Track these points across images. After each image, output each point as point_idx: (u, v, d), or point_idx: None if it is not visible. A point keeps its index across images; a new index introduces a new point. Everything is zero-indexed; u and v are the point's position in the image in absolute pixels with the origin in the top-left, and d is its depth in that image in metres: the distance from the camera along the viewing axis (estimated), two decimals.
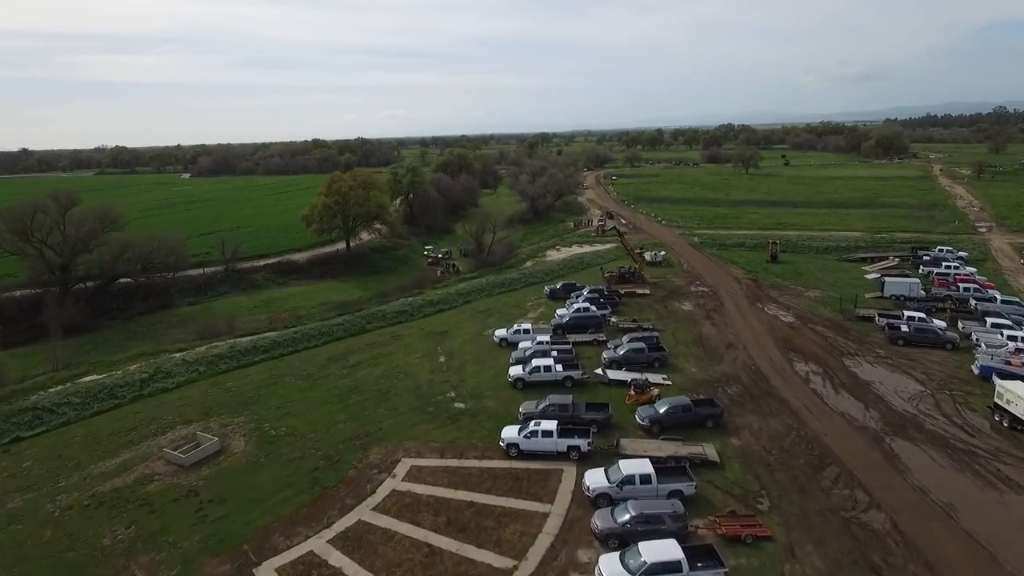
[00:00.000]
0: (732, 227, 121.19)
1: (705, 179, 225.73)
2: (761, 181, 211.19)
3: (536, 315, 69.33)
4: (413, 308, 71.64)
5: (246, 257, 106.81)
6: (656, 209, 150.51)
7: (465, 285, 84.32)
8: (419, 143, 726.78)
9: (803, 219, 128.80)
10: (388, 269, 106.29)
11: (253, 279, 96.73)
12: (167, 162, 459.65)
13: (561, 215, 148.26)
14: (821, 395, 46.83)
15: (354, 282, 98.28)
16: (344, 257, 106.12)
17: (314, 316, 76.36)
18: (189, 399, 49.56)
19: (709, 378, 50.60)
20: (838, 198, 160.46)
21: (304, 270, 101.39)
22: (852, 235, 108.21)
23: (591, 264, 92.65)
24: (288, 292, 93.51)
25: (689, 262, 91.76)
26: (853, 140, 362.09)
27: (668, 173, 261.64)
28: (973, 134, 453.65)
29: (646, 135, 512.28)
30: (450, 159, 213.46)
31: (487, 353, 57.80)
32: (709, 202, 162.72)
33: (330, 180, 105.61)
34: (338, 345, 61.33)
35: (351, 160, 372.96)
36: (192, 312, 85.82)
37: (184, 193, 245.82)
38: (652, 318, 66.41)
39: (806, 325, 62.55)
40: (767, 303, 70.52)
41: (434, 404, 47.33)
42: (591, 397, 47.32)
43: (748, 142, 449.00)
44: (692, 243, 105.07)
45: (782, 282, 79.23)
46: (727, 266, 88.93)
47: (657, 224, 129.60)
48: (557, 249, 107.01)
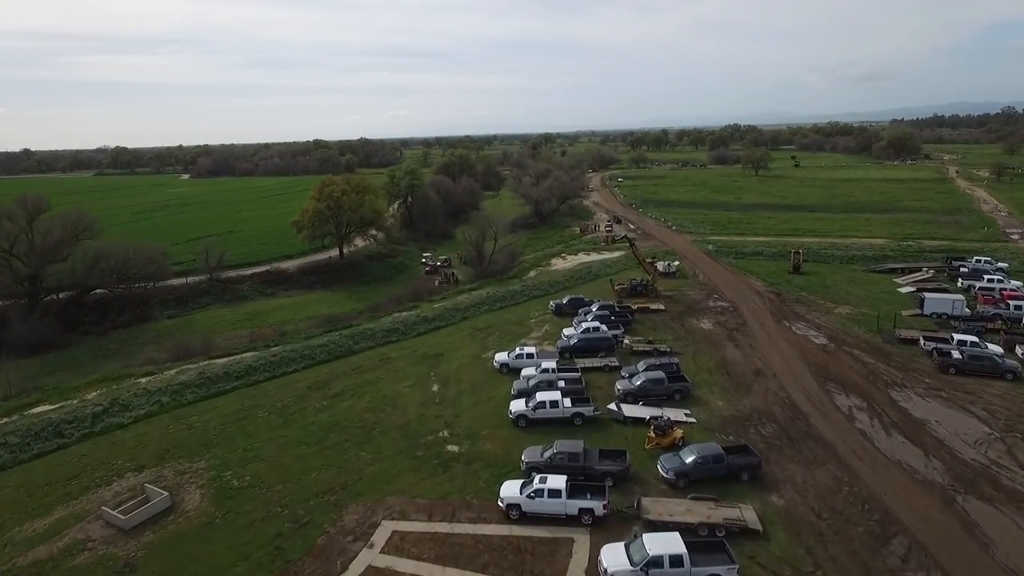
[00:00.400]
0: (747, 233, 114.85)
1: (714, 181, 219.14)
2: (772, 183, 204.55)
3: (540, 334, 63.17)
4: (406, 326, 65.48)
5: (233, 265, 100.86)
6: (665, 213, 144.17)
7: (464, 298, 78.19)
8: (422, 144, 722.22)
9: (820, 225, 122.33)
10: (383, 278, 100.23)
11: (238, 290, 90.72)
12: (167, 163, 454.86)
13: (566, 219, 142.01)
14: (871, 438, 40.51)
15: (346, 292, 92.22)
16: (337, 265, 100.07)
17: (299, 332, 70.48)
18: (146, 438, 43.47)
19: (738, 414, 44.33)
20: (855, 202, 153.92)
21: (293, 280, 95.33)
22: (876, 242, 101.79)
23: (599, 275, 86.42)
24: (275, 304, 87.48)
25: (705, 273, 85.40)
26: (863, 141, 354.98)
27: (675, 175, 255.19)
28: (985, 135, 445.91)
29: (651, 136, 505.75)
30: (451, 160, 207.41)
31: (486, 381, 51.64)
32: (720, 205, 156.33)
33: (321, 184, 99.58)
34: (320, 370, 55.21)
35: (352, 161, 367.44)
36: (171, 326, 79.85)
37: (180, 195, 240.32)
38: (669, 339, 60.15)
39: (841, 348, 56.19)
40: (794, 321, 64.17)
41: (424, 446, 41.19)
42: (604, 438, 41.21)
43: (755, 143, 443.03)
44: (706, 251, 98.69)
45: (808, 296, 72.85)
46: (746, 277, 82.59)
47: (667, 229, 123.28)
48: (563, 257, 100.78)
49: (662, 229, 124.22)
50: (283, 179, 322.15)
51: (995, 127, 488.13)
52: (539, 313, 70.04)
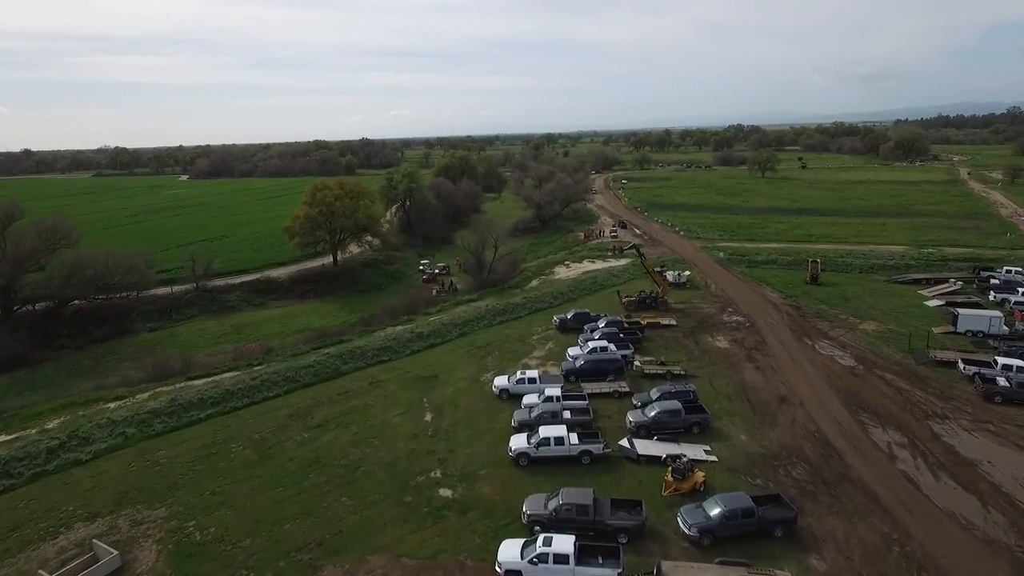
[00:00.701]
0: (758, 239, 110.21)
1: (720, 183, 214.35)
2: (780, 186, 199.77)
3: (544, 353, 58.63)
4: (399, 343, 60.96)
5: (222, 273, 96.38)
6: (671, 217, 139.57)
7: (462, 310, 73.73)
8: (424, 144, 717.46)
9: (834, 230, 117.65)
10: (379, 287, 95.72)
11: (226, 300, 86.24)
12: (166, 163, 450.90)
13: (570, 224, 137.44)
14: (917, 482, 35.93)
15: (339, 303, 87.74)
16: (330, 273, 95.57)
17: (286, 349, 66.08)
18: (104, 478, 39.03)
19: (764, 451, 39.76)
20: (867, 205, 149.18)
21: (284, 289, 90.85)
22: (895, 249, 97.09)
23: (605, 285, 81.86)
24: (264, 316, 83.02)
25: (717, 283, 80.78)
26: (870, 142, 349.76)
27: (680, 176, 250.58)
28: (993, 135, 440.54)
29: (654, 136, 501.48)
30: (452, 162, 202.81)
31: (484, 408, 47.14)
32: (728, 209, 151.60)
33: (314, 188, 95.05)
34: (304, 395, 50.74)
35: (352, 162, 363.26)
36: (152, 340, 75.42)
37: (176, 197, 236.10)
38: (682, 359, 55.60)
39: (871, 371, 51.59)
40: (817, 338, 59.55)
41: (414, 489, 36.72)
42: (615, 480, 36.76)
43: (760, 144, 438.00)
44: (717, 259, 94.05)
45: (829, 310, 68.20)
46: (761, 288, 77.97)
47: (674, 235, 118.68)
48: (566, 265, 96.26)
49: (669, 234, 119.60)
50: (282, 180, 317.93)
51: (1002, 127, 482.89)
52: (542, 329, 65.51)
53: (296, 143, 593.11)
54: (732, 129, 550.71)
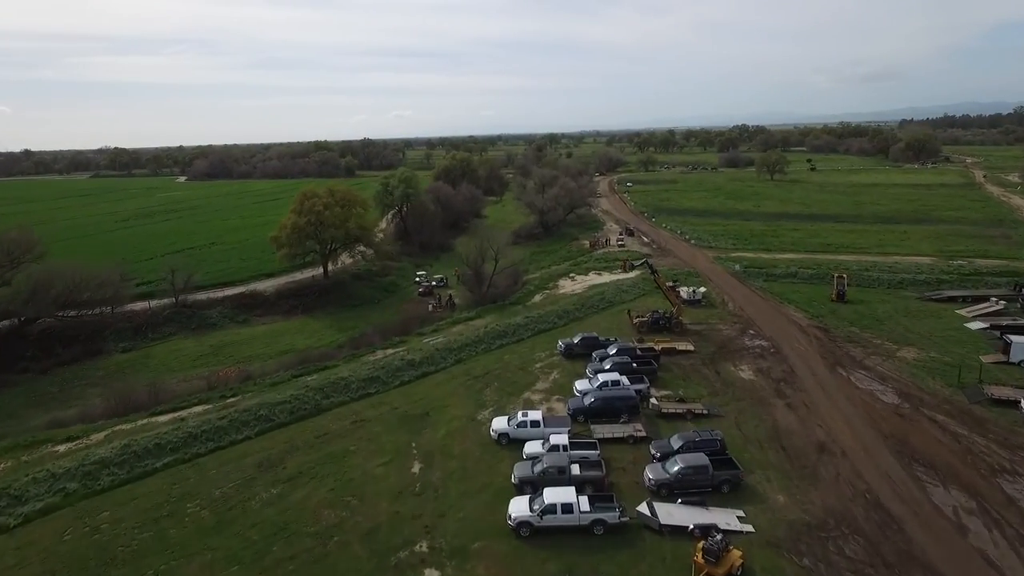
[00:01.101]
0: (774, 248, 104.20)
1: (728, 186, 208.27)
2: (790, 189, 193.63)
3: (548, 384, 52.74)
4: (388, 372, 55.10)
5: (205, 286, 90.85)
6: (680, 223, 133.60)
7: (459, 331, 67.98)
8: (425, 144, 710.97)
9: (853, 238, 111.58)
10: (372, 301, 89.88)
11: (206, 316, 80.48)
12: (164, 164, 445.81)
13: (574, 231, 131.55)
14: (999, 566, 29.97)
15: (328, 319, 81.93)
16: (320, 287, 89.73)
17: (266, 376, 60.41)
18: (31, 551, 33.27)
19: (808, 519, 33.82)
20: (885, 211, 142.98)
21: (270, 304, 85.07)
22: (921, 261, 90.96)
23: (614, 302, 75.90)
24: (247, 334, 77.24)
25: (735, 300, 74.77)
26: (879, 143, 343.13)
27: (686, 179, 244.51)
28: (1003, 136, 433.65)
29: (658, 136, 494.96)
30: (452, 164, 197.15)
31: (481, 457, 41.30)
32: (739, 215, 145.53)
33: (302, 196, 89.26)
34: (277, 437, 44.92)
35: (351, 163, 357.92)
36: (124, 362, 69.73)
37: (171, 200, 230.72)
38: (703, 393, 49.68)
39: (918, 411, 45.60)
40: (852, 369, 53.55)
41: (395, 568, 30.90)
42: (633, 557, 30.97)
43: (766, 145, 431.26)
44: (733, 272, 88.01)
45: (860, 333, 62.18)
46: (783, 306, 71.97)
47: (684, 243, 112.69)
48: (571, 278, 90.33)
49: (679, 243, 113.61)
50: (280, 182, 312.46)
51: (1011, 128, 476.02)
52: (546, 354, 59.58)
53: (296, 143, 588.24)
54: (736, 129, 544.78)
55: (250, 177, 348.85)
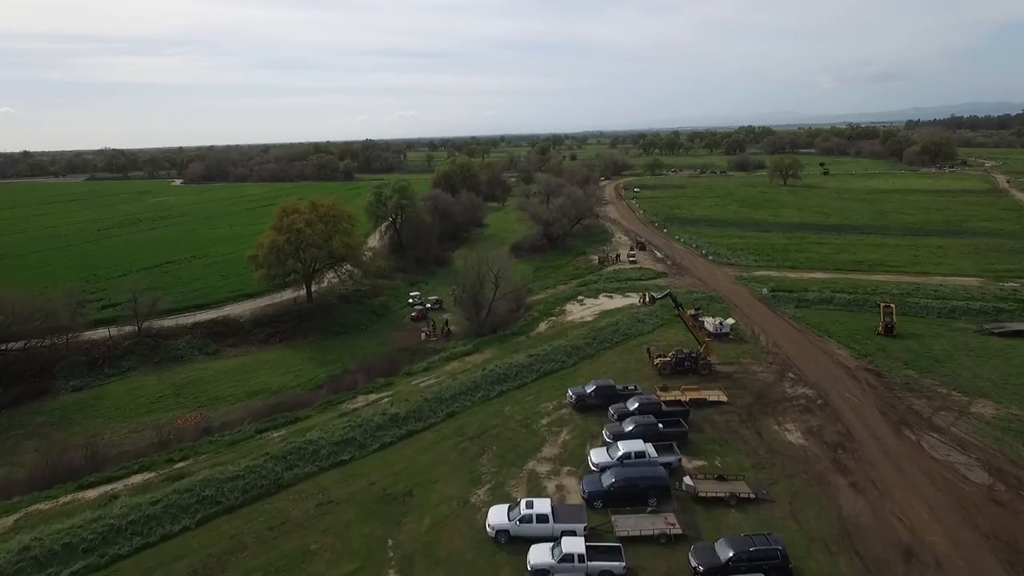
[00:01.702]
0: (800, 266, 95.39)
1: (740, 192, 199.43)
2: (807, 196, 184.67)
3: (556, 450, 44.01)
4: (367, 431, 46.38)
5: (176, 310, 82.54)
6: (695, 235, 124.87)
7: (454, 370, 59.45)
8: (427, 145, 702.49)
9: (885, 253, 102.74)
10: (359, 327, 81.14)
11: (173, 348, 71.88)
12: (161, 167, 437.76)
13: (580, 243, 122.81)
14: None
15: (309, 350, 73.28)
16: (302, 312, 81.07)
17: (229, 424, 52.08)
18: None
19: None
20: (912, 221, 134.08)
21: (245, 332, 76.44)
22: (968, 284, 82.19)
23: (629, 334, 67.05)
24: (216, 369, 68.58)
25: (767, 333, 65.90)
26: (892, 146, 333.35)
27: (696, 183, 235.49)
28: (1016, 138, 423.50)
29: (663, 138, 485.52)
30: (452, 170, 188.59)
31: (473, 562, 32.64)
32: (756, 225, 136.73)
33: (281, 211, 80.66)
34: (222, 528, 36.26)
35: (350, 167, 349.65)
36: (74, 404, 61.13)
37: (161, 206, 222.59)
38: (746, 465, 40.94)
39: (1019, 496, 36.77)
40: (920, 429, 44.75)
41: None
42: None
43: (774, 147, 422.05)
44: (760, 296, 79.22)
45: (919, 378, 53.38)
46: (822, 341, 63.13)
47: (702, 259, 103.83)
48: (579, 301, 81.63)
49: (695, 259, 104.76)
50: (277, 186, 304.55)
51: (1023, 129, 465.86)
52: (553, 405, 50.87)
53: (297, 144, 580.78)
54: (743, 131, 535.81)
55: (247, 180, 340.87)
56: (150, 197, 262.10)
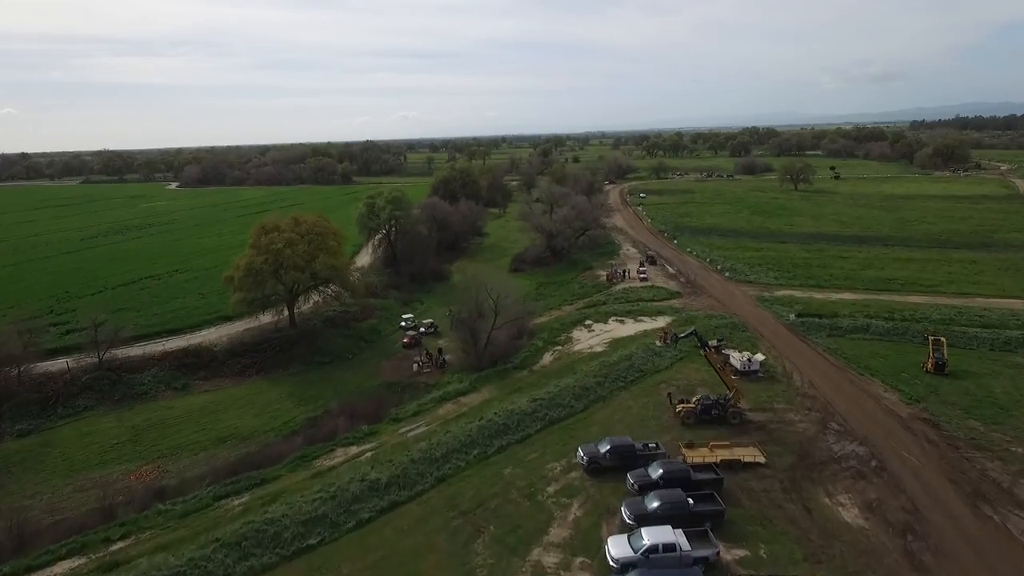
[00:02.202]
0: (825, 284, 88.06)
1: (750, 198, 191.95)
2: (820, 203, 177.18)
3: (567, 532, 36.65)
4: (341, 504, 39.14)
5: (147, 336, 75.71)
6: (707, 247, 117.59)
7: (447, 414, 52.41)
8: (428, 146, 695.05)
9: (915, 270, 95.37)
10: (345, 355, 73.77)
11: (137, 383, 64.72)
12: (157, 169, 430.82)
13: (586, 256, 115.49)
14: None
15: (288, 384, 66.01)
16: (283, 339, 73.77)
17: (186, 483, 45.12)
18: None
19: None
20: (937, 231, 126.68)
21: (219, 363, 69.21)
22: (1016, 307, 74.93)
23: (644, 370, 59.66)
24: (183, 407, 61.36)
25: (800, 369, 58.59)
26: (902, 148, 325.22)
27: (703, 188, 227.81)
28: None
29: (667, 140, 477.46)
30: (451, 176, 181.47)
31: None
32: (771, 235, 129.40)
33: (259, 229, 73.44)
34: None
35: (348, 170, 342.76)
36: (16, 453, 53.95)
37: (151, 212, 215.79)
38: (797, 556, 33.63)
39: None
40: (1002, 505, 37.42)
41: None
42: None
43: (780, 149, 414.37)
44: (785, 322, 71.93)
45: (985, 431, 46.06)
46: (864, 380, 55.81)
47: (717, 275, 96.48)
48: (587, 327, 74.37)
49: (710, 275, 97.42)
50: (273, 189, 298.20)
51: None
52: (562, 467, 43.56)
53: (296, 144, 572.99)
54: (747, 132, 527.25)
55: (244, 183, 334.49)
56: (142, 202, 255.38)
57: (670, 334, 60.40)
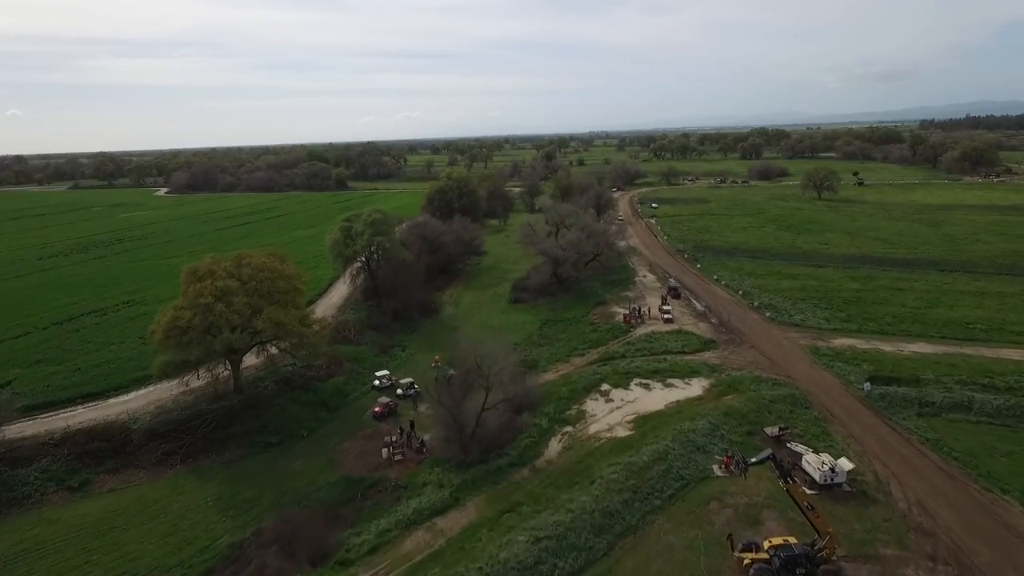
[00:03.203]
0: (889, 329, 72.77)
1: (772, 208, 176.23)
2: (851, 215, 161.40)
3: None
4: None
5: (56, 403, 60.98)
6: (735, 273, 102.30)
7: (416, 552, 37.25)
8: (431, 148, 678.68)
9: (992, 308, 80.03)
10: (298, 431, 58.49)
11: (19, 480, 49.71)
12: (148, 173, 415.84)
13: (598, 285, 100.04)
14: None
15: (218, 480, 50.84)
16: (220, 412, 58.50)
17: None
18: None
19: None
20: (994, 252, 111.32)
21: (134, 448, 54.14)
22: None
23: (687, 478, 44.20)
24: (73, 519, 46.28)
25: (897, 478, 43.11)
26: (927, 152, 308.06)
27: (719, 196, 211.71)
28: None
29: (675, 142, 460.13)
30: (447, 186, 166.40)
31: None
32: (805, 257, 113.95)
33: (190, 273, 58.38)
34: None
35: (343, 175, 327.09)
36: None
37: (126, 224, 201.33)
38: None
39: None
40: None
41: None
42: None
43: (793, 151, 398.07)
44: (858, 392, 56.46)
45: None
46: (992, 498, 40.45)
47: (755, 314, 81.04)
48: (605, 396, 59.12)
49: (746, 313, 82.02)
50: (263, 196, 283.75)
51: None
52: None
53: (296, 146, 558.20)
54: (756, 133, 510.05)
55: (234, 189, 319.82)
56: (123, 211, 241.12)
57: (735, 458, 43.09)
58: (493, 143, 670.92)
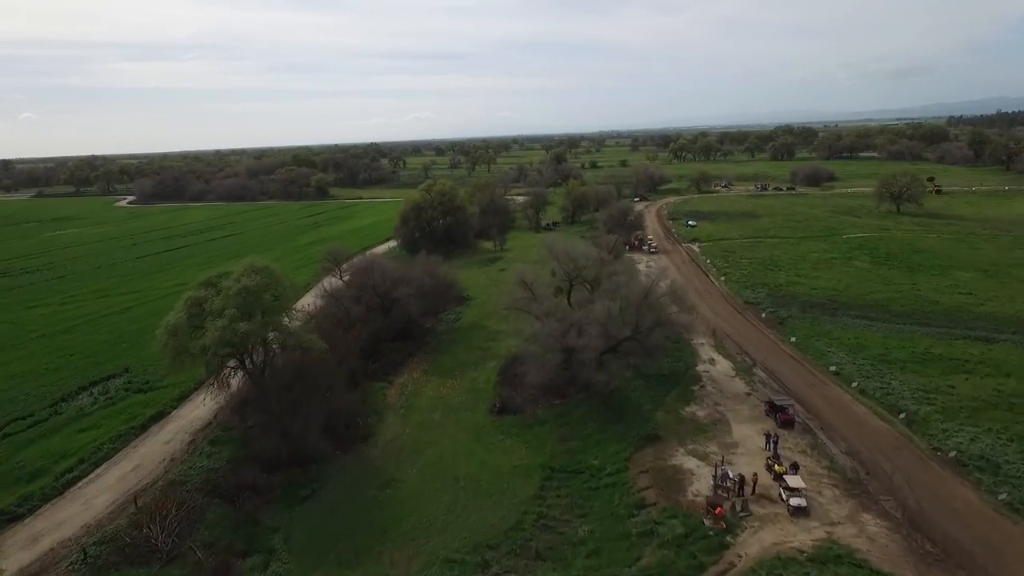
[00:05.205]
0: None
1: (847, 228, 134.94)
2: (961, 238, 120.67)
3: None
4: None
5: None
6: (857, 356, 62.69)
7: None
8: (435, 149, 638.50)
9: None
10: None
11: None
12: (117, 180, 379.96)
13: (638, 387, 60.26)
14: None
15: None
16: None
17: None
18: None
19: None
20: None
21: None
22: None
23: None
24: None
25: None
26: (999, 151, 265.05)
27: (767, 207, 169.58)
28: None
29: (695, 141, 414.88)
30: (425, 202, 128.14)
31: None
32: (947, 317, 74.25)
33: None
34: None
35: (323, 182, 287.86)
36: None
37: (48, 245, 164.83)
38: None
39: None
40: None
41: None
42: None
43: (830, 151, 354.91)
44: None
45: None
46: None
47: (966, 487, 41.23)
48: None
49: (943, 478, 42.20)
50: (229, 207, 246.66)
51: None
52: None
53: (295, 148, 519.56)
54: (783, 131, 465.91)
55: (203, 198, 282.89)
56: (60, 227, 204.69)
57: None
58: (500, 143, 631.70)
